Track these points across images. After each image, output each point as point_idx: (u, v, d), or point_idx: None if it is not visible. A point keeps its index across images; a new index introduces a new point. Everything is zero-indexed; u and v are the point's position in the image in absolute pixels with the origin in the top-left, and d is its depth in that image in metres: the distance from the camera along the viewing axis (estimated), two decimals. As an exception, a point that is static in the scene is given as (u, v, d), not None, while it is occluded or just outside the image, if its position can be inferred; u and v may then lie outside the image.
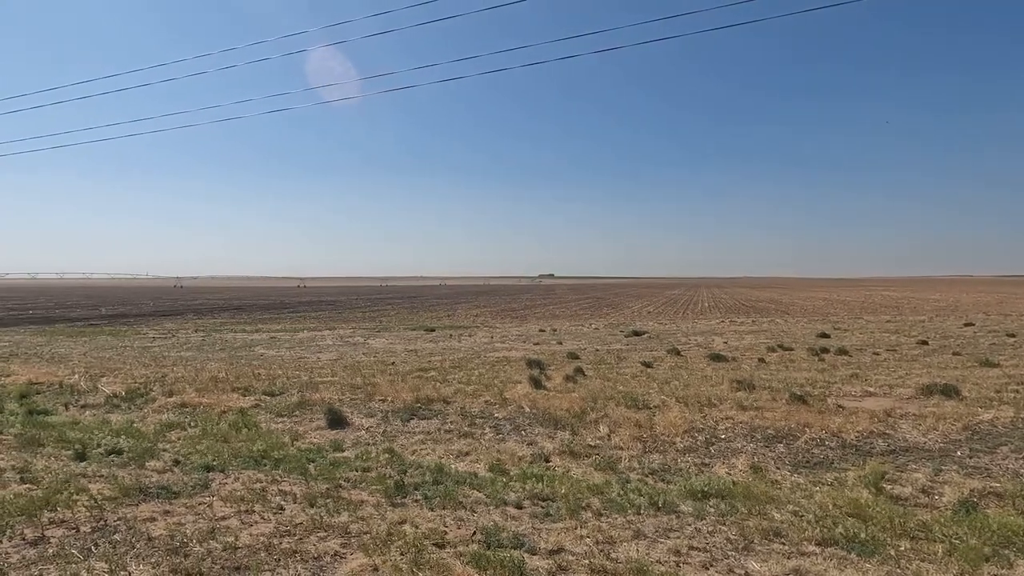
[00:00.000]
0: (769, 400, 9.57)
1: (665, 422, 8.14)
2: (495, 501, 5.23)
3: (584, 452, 7.14)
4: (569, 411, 8.97)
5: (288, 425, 8.75)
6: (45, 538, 4.22)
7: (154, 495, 5.28)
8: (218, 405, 9.96)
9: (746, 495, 5.24)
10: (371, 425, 8.72)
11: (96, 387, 11.92)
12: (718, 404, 9.34)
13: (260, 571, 3.63)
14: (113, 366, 15.31)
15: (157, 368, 14.82)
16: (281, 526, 4.49)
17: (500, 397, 10.19)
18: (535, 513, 4.94)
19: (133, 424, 8.78)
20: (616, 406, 9.24)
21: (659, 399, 9.86)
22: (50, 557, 3.87)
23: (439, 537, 4.24)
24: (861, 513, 4.73)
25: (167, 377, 12.88)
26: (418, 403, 9.91)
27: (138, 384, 11.95)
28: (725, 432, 7.88)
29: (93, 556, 3.86)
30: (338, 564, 3.81)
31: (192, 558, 3.82)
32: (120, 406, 10.35)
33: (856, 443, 7.26)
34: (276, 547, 4.05)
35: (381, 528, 4.38)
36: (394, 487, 5.52)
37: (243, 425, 8.52)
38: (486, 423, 8.69)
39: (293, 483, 5.76)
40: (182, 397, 10.59)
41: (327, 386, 11.65)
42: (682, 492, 5.48)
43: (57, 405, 10.41)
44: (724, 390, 10.50)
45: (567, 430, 8.15)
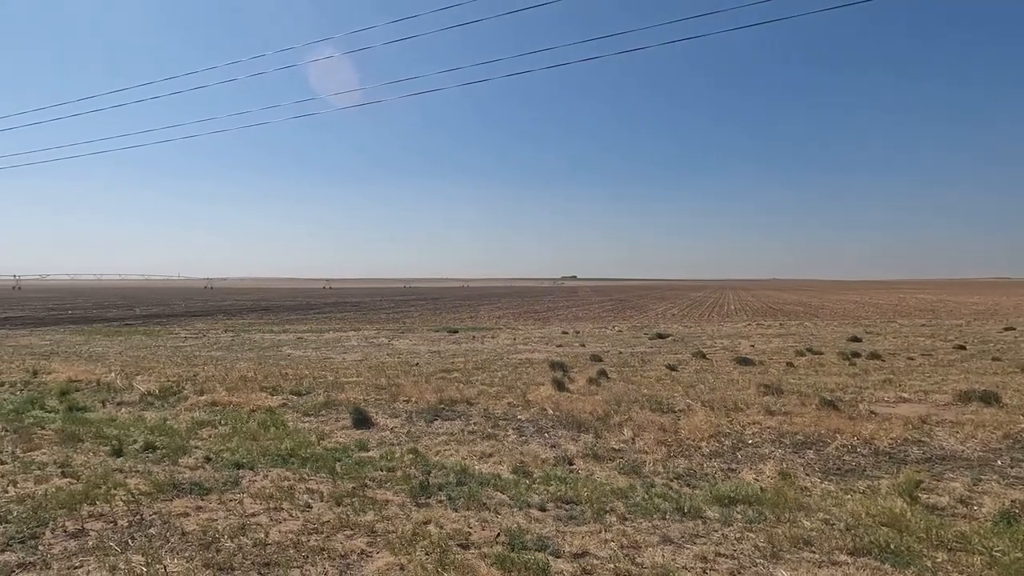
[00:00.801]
0: (798, 405, 9.37)
1: (690, 426, 8.04)
2: (519, 503, 5.24)
3: (608, 455, 7.10)
4: (592, 414, 8.92)
5: (315, 424, 8.90)
6: (85, 531, 4.38)
7: (187, 491, 5.42)
8: (247, 404, 10.18)
9: (774, 502, 5.14)
10: (395, 425, 8.81)
11: (131, 385, 12.30)
12: (745, 409, 9.19)
13: (289, 568, 3.70)
14: (147, 365, 15.78)
15: (189, 367, 15.22)
16: (309, 524, 4.57)
17: (523, 399, 10.19)
18: (559, 516, 4.93)
19: (166, 421, 9.04)
20: (640, 409, 9.16)
21: (684, 403, 9.75)
22: (90, 549, 4.01)
23: (464, 538, 4.27)
24: (895, 523, 4.60)
25: (198, 376, 13.22)
26: (442, 404, 9.98)
27: (171, 383, 12.30)
28: (752, 437, 7.75)
29: (130, 549, 3.99)
30: (365, 562, 3.86)
31: (224, 553, 3.92)
32: (154, 404, 10.66)
33: (890, 450, 7.06)
34: (304, 544, 4.13)
35: (406, 528, 4.43)
36: (419, 487, 5.57)
37: (271, 424, 8.70)
38: (509, 425, 8.70)
39: (320, 481, 5.86)
40: (213, 396, 10.85)
41: (352, 386, 11.81)
42: (708, 497, 5.40)
43: (95, 402, 10.76)
44: (751, 394, 10.32)
45: (590, 433, 8.12)
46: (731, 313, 45.70)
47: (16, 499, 5.06)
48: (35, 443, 7.40)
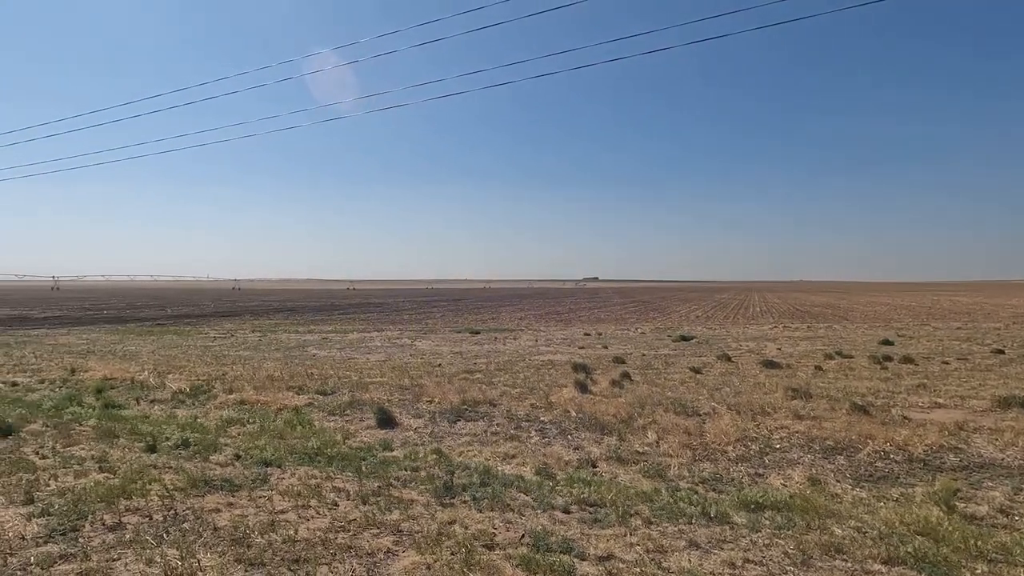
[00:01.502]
0: (827, 410, 9.17)
1: (716, 430, 7.93)
2: (542, 505, 5.23)
3: (632, 458, 7.05)
4: (616, 416, 8.87)
5: (340, 424, 9.02)
6: (122, 524, 4.52)
7: (218, 487, 5.55)
8: (274, 403, 10.38)
9: (804, 508, 5.04)
10: (419, 425, 8.88)
11: (163, 383, 12.65)
12: (772, 413, 9.03)
13: (318, 564, 3.76)
14: (178, 364, 16.19)
15: (218, 366, 15.57)
16: (336, 521, 4.64)
17: (546, 401, 10.18)
18: (583, 518, 4.91)
19: (197, 419, 9.27)
20: (664, 412, 9.08)
21: (709, 406, 9.62)
22: (127, 542, 4.14)
23: (488, 538, 4.28)
24: (931, 532, 4.47)
25: (227, 375, 13.52)
26: (464, 405, 10.02)
27: (201, 381, 12.60)
28: (780, 442, 7.61)
29: (165, 543, 4.11)
30: (391, 561, 3.90)
31: (255, 549, 4.01)
32: (185, 402, 10.94)
33: (924, 457, 6.86)
34: (332, 542, 4.19)
35: (431, 527, 4.46)
36: (443, 487, 5.61)
37: (298, 423, 8.85)
38: (532, 426, 8.70)
39: (346, 480, 5.94)
40: (241, 395, 11.09)
41: (376, 386, 11.95)
42: (735, 503, 5.32)
43: (129, 400, 11.10)
44: (778, 398, 10.13)
45: (614, 435, 8.07)
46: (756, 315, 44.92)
47: (57, 492, 5.25)
48: (74, 439, 7.66)
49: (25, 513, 4.72)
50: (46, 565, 3.75)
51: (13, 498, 5.08)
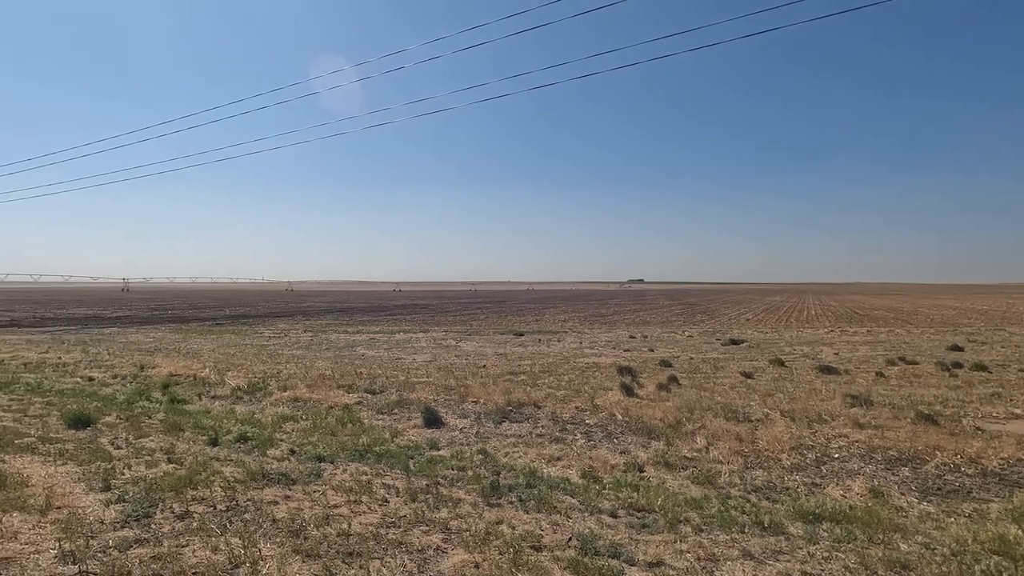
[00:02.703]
0: (890, 418, 8.71)
1: (769, 437, 7.67)
2: (589, 508, 5.20)
3: (680, 464, 6.91)
4: (663, 420, 8.71)
5: (388, 422, 9.24)
6: (189, 513, 4.78)
7: (275, 480, 5.79)
8: (326, 400, 10.73)
9: (866, 521, 4.81)
10: (465, 426, 8.98)
11: (223, 380, 13.29)
12: (829, 420, 8.66)
13: (371, 558, 3.87)
14: (236, 362, 16.97)
15: (273, 364, 16.22)
16: (387, 517, 4.76)
17: (591, 403, 10.11)
18: (631, 523, 4.85)
19: (254, 415, 9.69)
20: (714, 417, 8.85)
21: (761, 412, 9.31)
22: (194, 530, 4.38)
23: (536, 540, 4.29)
24: (1009, 551, 4.18)
25: (281, 373, 14.07)
26: (509, 406, 10.07)
27: (257, 379, 13.17)
28: (839, 451, 7.29)
29: (228, 532, 4.32)
30: (441, 558, 3.97)
31: (311, 541, 4.16)
32: (243, 398, 11.46)
33: (1000, 471, 6.42)
34: (384, 537, 4.30)
35: (479, 527, 4.51)
36: (489, 487, 5.65)
37: (348, 420, 9.12)
38: (577, 429, 8.65)
39: (395, 477, 6.08)
40: (294, 392, 11.53)
41: (422, 386, 12.17)
42: (791, 513, 5.14)
43: (192, 395, 11.72)
44: (836, 405, 9.70)
45: (661, 440, 7.93)
46: (811, 318, 43.12)
47: (131, 481, 5.60)
48: (144, 431, 8.15)
49: (103, 499, 5.07)
50: (123, 548, 4.01)
51: (93, 485, 5.46)
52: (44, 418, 8.87)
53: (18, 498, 4.98)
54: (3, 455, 6.55)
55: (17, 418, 8.87)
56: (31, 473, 5.79)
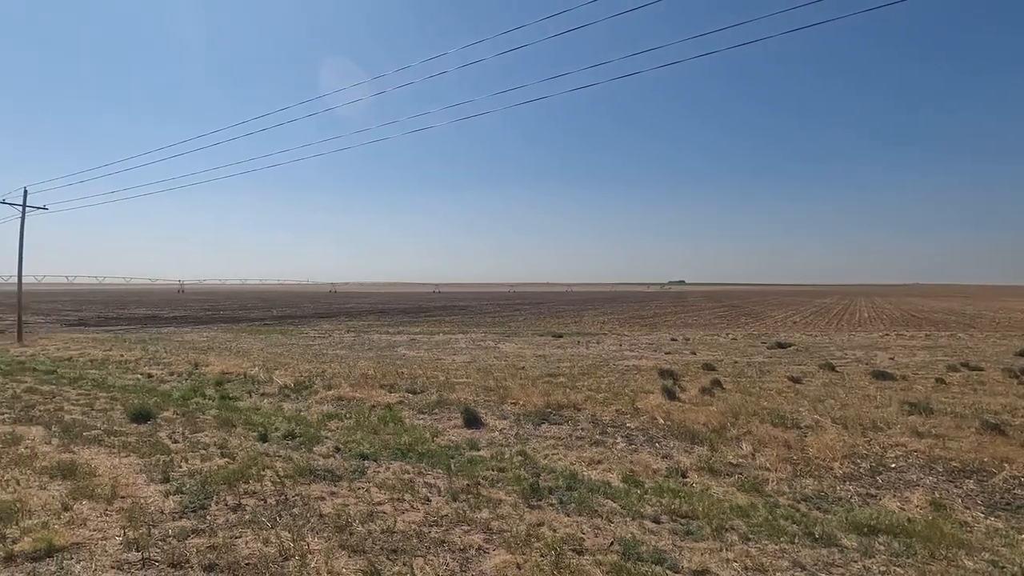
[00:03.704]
0: (953, 428, 8.25)
1: (819, 444, 7.39)
2: (631, 513, 5.13)
3: (725, 470, 6.73)
4: (707, 425, 8.51)
5: (429, 422, 9.36)
6: (242, 505, 4.97)
7: (321, 477, 5.95)
8: (368, 400, 10.96)
9: (926, 535, 4.57)
10: (504, 427, 9.01)
11: (271, 379, 13.76)
12: (885, 428, 8.27)
13: (414, 556, 3.93)
14: (283, 361, 17.54)
15: (318, 364, 16.69)
16: (429, 516, 4.82)
17: (631, 407, 9.97)
18: (674, 529, 4.75)
19: (301, 413, 9.99)
20: (760, 423, 8.58)
21: (811, 418, 8.97)
22: (246, 522, 4.55)
23: (577, 543, 4.26)
24: (1088, 572, 3.89)
25: (326, 372, 14.46)
26: (549, 408, 10.04)
27: (303, 377, 13.57)
28: (895, 461, 6.95)
29: (278, 525, 4.47)
30: (483, 558, 4.00)
31: (356, 537, 4.26)
32: (290, 396, 11.83)
33: (1077, 487, 5.98)
34: (426, 535, 4.37)
35: (520, 528, 4.51)
36: (529, 489, 5.65)
37: (390, 419, 9.29)
38: (618, 432, 8.55)
39: (436, 477, 6.15)
40: (339, 391, 11.82)
41: (462, 387, 12.27)
42: (843, 524, 4.93)
43: (242, 392, 12.17)
44: (892, 413, 9.25)
45: (705, 445, 7.74)
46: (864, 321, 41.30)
47: (188, 474, 5.87)
48: (199, 426, 8.53)
49: (163, 490, 5.33)
50: (181, 538, 4.21)
51: (153, 476, 5.75)
52: (109, 412, 9.40)
53: (87, 487, 5.30)
54: (74, 446, 6.98)
55: (85, 411, 9.43)
56: (98, 464, 6.15)
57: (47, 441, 7.25)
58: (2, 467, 5.98)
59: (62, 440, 7.28)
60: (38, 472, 5.82)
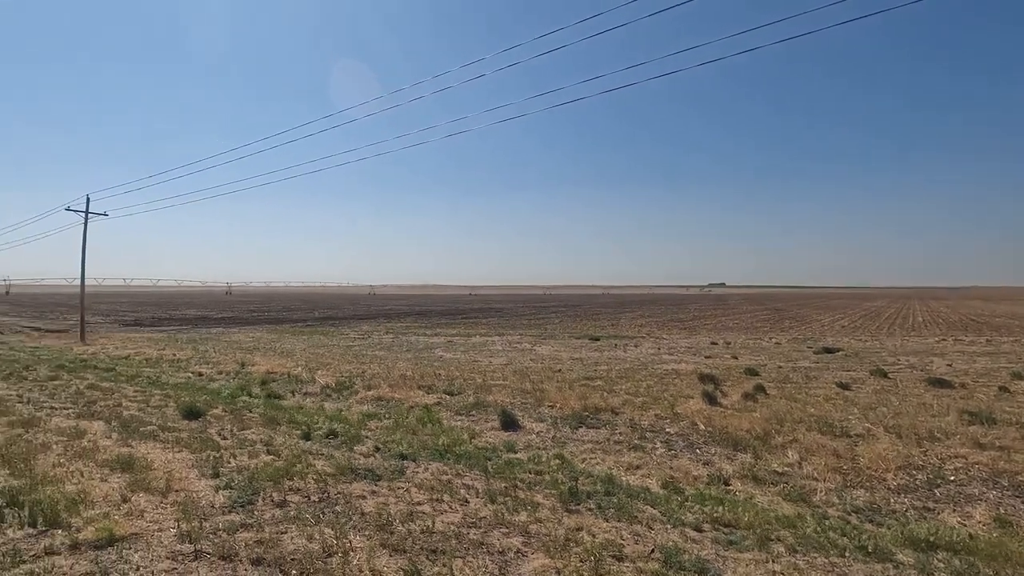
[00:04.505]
0: (1019, 439, 7.77)
1: (871, 454, 7.08)
2: (672, 520, 5.03)
3: (769, 479, 6.53)
4: (750, 432, 8.27)
5: (466, 423, 9.42)
6: (287, 502, 5.12)
7: (362, 476, 6.07)
8: (407, 400, 11.12)
9: (991, 554, 4.31)
10: (541, 430, 8.98)
11: (313, 379, 14.13)
12: (943, 439, 7.85)
13: (453, 557, 3.96)
14: (325, 361, 17.99)
15: (358, 364, 17.05)
16: (468, 517, 4.85)
17: (671, 411, 9.79)
18: (717, 538, 4.63)
19: (342, 412, 10.21)
20: (807, 431, 8.29)
21: (862, 427, 8.61)
22: (291, 519, 4.68)
23: (617, 549, 4.20)
24: None
25: (365, 373, 14.75)
26: (586, 411, 9.96)
27: (344, 378, 13.88)
28: (955, 473, 6.59)
29: (321, 522, 4.58)
30: (521, 561, 3.99)
31: (397, 536, 4.32)
32: (331, 396, 12.12)
33: None
34: (465, 536, 4.39)
35: (559, 532, 4.49)
36: (567, 493, 5.61)
37: (428, 420, 9.40)
38: (657, 437, 8.41)
39: (474, 478, 6.18)
40: (378, 391, 12.04)
41: (499, 389, 12.30)
42: (898, 538, 4.71)
43: (286, 391, 12.54)
44: (951, 422, 8.78)
45: (748, 452, 7.53)
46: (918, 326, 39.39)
47: (236, 469, 6.08)
48: (246, 423, 8.83)
49: (213, 485, 5.54)
50: (231, 532, 4.36)
51: (204, 471, 5.99)
52: (163, 409, 9.84)
53: (144, 480, 5.56)
54: (132, 441, 7.33)
55: (141, 408, 9.90)
56: (154, 458, 6.44)
57: (107, 435, 7.64)
58: (68, 459, 6.34)
59: (121, 435, 7.66)
60: (100, 465, 6.13)
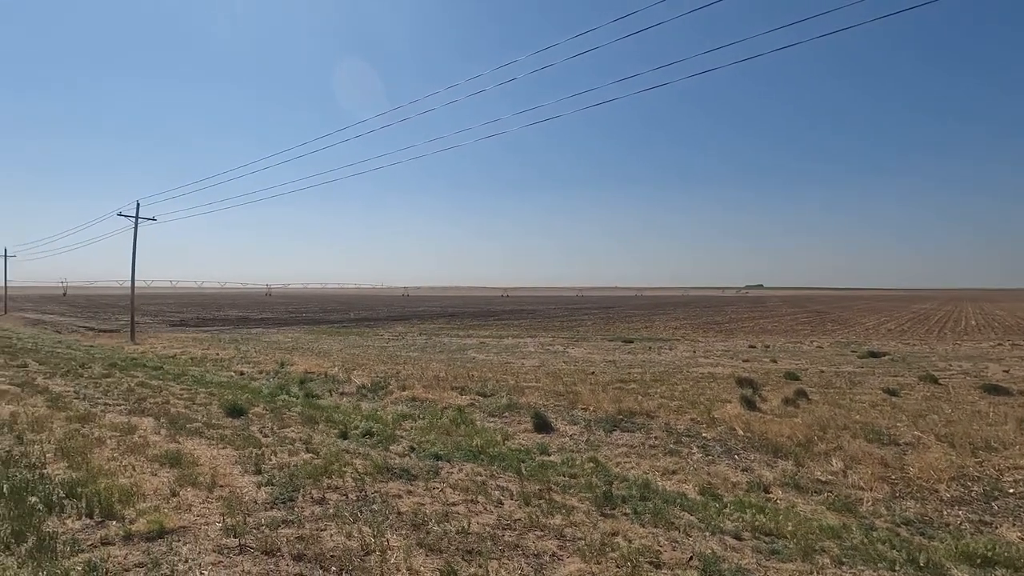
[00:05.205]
0: (1085, 451, 7.31)
1: (922, 464, 6.78)
2: (710, 527, 4.92)
3: (812, 487, 6.34)
4: (791, 438, 8.04)
5: (499, 425, 9.44)
6: (325, 499, 5.23)
7: (398, 475, 6.15)
8: (440, 401, 11.23)
9: (1056, 572, 4.07)
10: (574, 432, 8.93)
11: (349, 379, 14.41)
12: (1000, 449, 7.46)
13: (489, 558, 3.97)
14: (360, 361, 18.33)
15: (392, 365, 17.31)
16: (502, 519, 4.85)
17: (707, 416, 9.59)
18: (758, 548, 4.51)
19: (377, 412, 10.38)
20: (852, 438, 8.00)
21: (911, 435, 8.26)
22: (330, 516, 4.78)
23: (654, 556, 4.14)
24: None
25: (400, 374, 14.96)
26: (620, 415, 9.86)
27: (379, 378, 14.11)
28: (1014, 485, 6.25)
29: (359, 521, 4.65)
30: (557, 565, 3.97)
31: (433, 536, 4.36)
32: (367, 396, 12.34)
33: None
34: (500, 538, 4.39)
35: (594, 537, 4.45)
36: (602, 497, 5.56)
37: (462, 421, 9.46)
38: (693, 442, 8.26)
39: (508, 480, 6.19)
40: (412, 392, 12.19)
41: (531, 391, 12.29)
42: (952, 553, 4.49)
43: (324, 391, 12.83)
44: (1009, 432, 8.33)
45: (789, 460, 7.32)
46: (971, 330, 37.54)
47: (277, 467, 6.25)
48: (285, 422, 9.06)
49: (256, 481, 5.70)
50: (273, 527, 4.48)
51: (247, 468, 6.17)
52: (207, 406, 10.19)
53: (191, 475, 5.76)
54: (179, 437, 7.62)
55: (187, 405, 10.28)
56: (200, 454, 6.67)
57: (156, 431, 7.96)
58: (121, 453, 6.63)
59: (169, 431, 7.97)
60: (150, 459, 6.39)
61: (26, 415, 8.72)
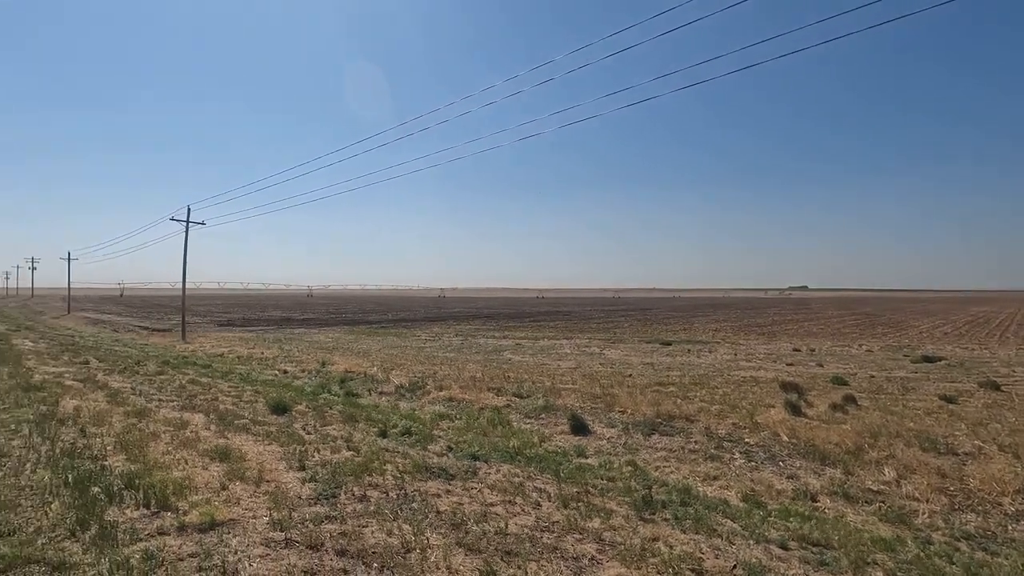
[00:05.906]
0: None
1: (983, 475, 6.42)
2: (754, 535, 4.79)
3: (863, 496, 6.08)
4: (840, 446, 7.74)
5: (536, 426, 9.43)
6: (367, 496, 5.34)
7: (436, 474, 6.22)
8: (477, 402, 11.29)
9: None
10: (612, 435, 8.83)
11: (388, 378, 14.65)
12: (1072, 461, 6.98)
13: (527, 560, 3.97)
14: (398, 362, 18.62)
15: (429, 365, 17.51)
16: (540, 521, 4.85)
17: (750, 421, 9.33)
18: (805, 558, 4.36)
19: (415, 411, 10.52)
20: (906, 447, 7.64)
21: (971, 444, 7.83)
22: (371, 513, 4.88)
23: (695, 563, 4.06)
24: None
25: (437, 374, 15.12)
26: (659, 418, 9.70)
27: (417, 378, 14.29)
28: (1087, 500, 5.84)
29: (400, 518, 4.74)
30: (596, 569, 3.94)
31: (471, 536, 4.40)
32: (405, 395, 12.52)
33: None
34: (539, 540, 4.39)
35: (634, 541, 4.39)
36: (642, 501, 5.48)
37: (498, 422, 9.49)
38: (735, 447, 8.05)
39: (545, 482, 6.18)
40: (449, 392, 12.30)
41: (568, 393, 12.22)
42: (1018, 570, 4.24)
43: (363, 390, 13.08)
44: (1080, 443, 7.80)
45: (838, 468, 7.04)
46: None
47: (320, 464, 6.42)
48: (327, 420, 9.29)
49: (300, 477, 5.88)
50: (316, 523, 4.61)
51: (291, 464, 6.36)
52: (253, 404, 10.55)
53: (239, 470, 5.99)
54: (227, 433, 7.92)
55: (235, 403, 10.67)
56: (247, 450, 6.92)
57: (207, 427, 8.30)
58: (175, 447, 6.94)
59: (218, 427, 8.29)
60: (201, 454, 6.67)
61: (88, 410, 9.22)
